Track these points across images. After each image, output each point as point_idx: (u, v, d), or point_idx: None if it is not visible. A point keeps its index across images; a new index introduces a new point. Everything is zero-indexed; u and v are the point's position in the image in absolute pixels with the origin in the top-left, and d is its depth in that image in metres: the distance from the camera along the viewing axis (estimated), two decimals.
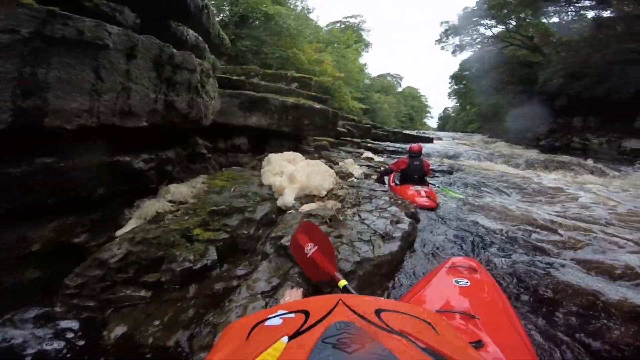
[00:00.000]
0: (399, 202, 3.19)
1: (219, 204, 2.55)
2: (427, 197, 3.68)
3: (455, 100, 39.77)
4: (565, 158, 12.33)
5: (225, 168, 4.11)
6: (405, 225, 2.47)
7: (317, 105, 5.47)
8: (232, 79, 5.51)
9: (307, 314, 0.64)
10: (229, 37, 10.94)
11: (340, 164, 5.67)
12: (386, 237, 2.19)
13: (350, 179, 4.27)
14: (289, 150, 5.12)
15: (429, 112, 56.94)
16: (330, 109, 6.13)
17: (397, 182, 4.43)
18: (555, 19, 20.92)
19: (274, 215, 2.69)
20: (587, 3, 18.47)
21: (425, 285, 1.45)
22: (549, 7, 19.95)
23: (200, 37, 3.68)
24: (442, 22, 27.55)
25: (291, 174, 3.03)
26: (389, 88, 41.47)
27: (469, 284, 1.37)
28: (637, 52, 13.24)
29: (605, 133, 15.64)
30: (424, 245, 2.63)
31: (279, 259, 1.98)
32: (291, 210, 2.66)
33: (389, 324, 0.58)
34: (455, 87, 35.26)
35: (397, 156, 8.60)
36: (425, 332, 0.60)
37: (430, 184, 4.75)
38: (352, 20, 33.02)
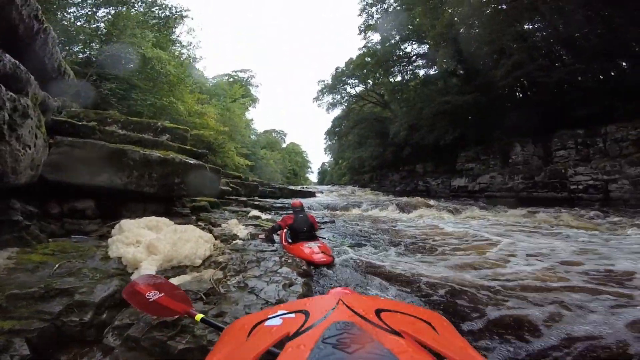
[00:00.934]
0: (290, 261, 2.92)
1: (28, 285, 1.69)
2: (322, 252, 3.61)
3: (330, 155, 44.78)
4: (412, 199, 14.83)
5: (55, 239, 2.96)
6: (299, 286, 2.16)
7: (192, 161, 4.82)
8: (76, 125, 4.34)
9: (307, 314, 0.63)
10: (91, 76, 9.06)
11: (223, 225, 5.06)
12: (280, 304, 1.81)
13: (234, 242, 3.75)
14: (155, 215, 4.23)
15: (309, 167, 61.85)
16: (207, 165, 5.55)
17: (290, 241, 4.27)
18: (399, 78, 26.02)
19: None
20: (420, 62, 24.22)
21: None
22: (395, 68, 25.02)
23: (22, 66, 2.72)
24: (319, 81, 31.10)
25: (150, 243, 2.34)
26: (275, 144, 42.99)
27: None
28: (450, 103, 17.44)
29: (439, 175, 20.16)
30: None
31: (128, 354, 1.31)
32: None
33: (389, 324, 0.58)
34: (329, 142, 39.71)
35: (285, 212, 8.53)
36: (425, 332, 0.60)
37: (320, 237, 4.74)
38: (241, 74, 33.60)
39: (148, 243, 2.35)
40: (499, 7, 15.40)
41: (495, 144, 16.28)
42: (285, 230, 4.46)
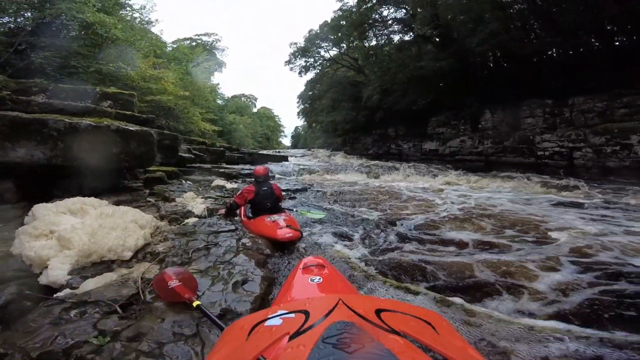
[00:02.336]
0: (249, 244, 2.57)
1: None
2: (287, 226, 3.10)
3: (303, 119, 43.58)
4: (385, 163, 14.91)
5: None
6: (255, 284, 1.83)
7: (133, 127, 4.10)
8: None
9: (307, 314, 0.63)
10: (19, 45, 8.05)
11: (178, 200, 4.55)
12: (226, 316, 1.48)
13: (185, 222, 3.32)
14: (99, 192, 3.70)
15: (282, 131, 60.22)
16: (154, 130, 4.84)
17: (250, 215, 3.70)
18: (373, 42, 24.89)
19: (29, 304, 1.50)
20: (396, 27, 23.25)
21: (287, 290, 1.46)
22: (370, 32, 23.81)
23: None
24: (291, 44, 29.33)
25: (60, 235, 1.88)
26: (245, 109, 41.20)
27: (321, 280, 1.41)
28: (424, 69, 17.16)
29: (411, 139, 20.23)
30: None
31: None
32: (61, 293, 1.57)
33: (389, 324, 0.58)
34: (303, 106, 38.51)
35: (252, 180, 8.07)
36: (425, 332, 0.60)
37: (287, 209, 4.24)
38: (205, 38, 31.24)
39: (58, 235, 1.89)
40: None
41: (466, 110, 16.37)
42: (245, 206, 3.86)
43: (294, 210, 4.45)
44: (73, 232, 1.91)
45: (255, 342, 0.58)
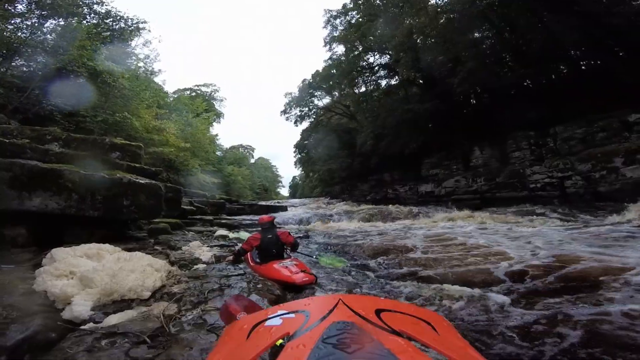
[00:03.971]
0: (260, 286, 2.61)
1: None
2: (302, 271, 3.18)
3: (300, 169, 44.38)
4: (383, 207, 14.89)
5: None
6: None
7: (143, 180, 4.30)
8: (2, 142, 3.78)
9: (307, 314, 0.63)
10: (32, 90, 8.37)
11: (184, 248, 4.56)
12: None
13: (194, 267, 3.35)
14: (106, 240, 3.72)
15: (280, 181, 61.00)
16: (161, 184, 5.03)
17: (258, 261, 3.77)
18: (363, 89, 26.30)
19: (54, 335, 1.51)
20: (382, 73, 24.53)
21: None
22: (359, 78, 25.34)
23: None
24: (286, 94, 30.85)
25: (82, 275, 1.92)
26: (243, 160, 41.59)
27: None
28: (412, 111, 17.87)
29: (406, 182, 20.56)
30: None
31: None
32: (85, 326, 1.57)
33: (389, 324, 0.58)
34: (299, 155, 39.20)
35: (254, 229, 8.08)
36: (425, 332, 0.60)
37: (305, 254, 4.34)
38: (204, 88, 32.67)
39: (80, 275, 1.93)
40: (452, 16, 16.30)
41: (456, 149, 16.87)
42: (251, 252, 3.94)
43: (314, 257, 4.44)
44: (95, 273, 1.96)
45: (255, 342, 0.59)
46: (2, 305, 1.67)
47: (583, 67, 13.56)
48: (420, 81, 21.18)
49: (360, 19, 23.65)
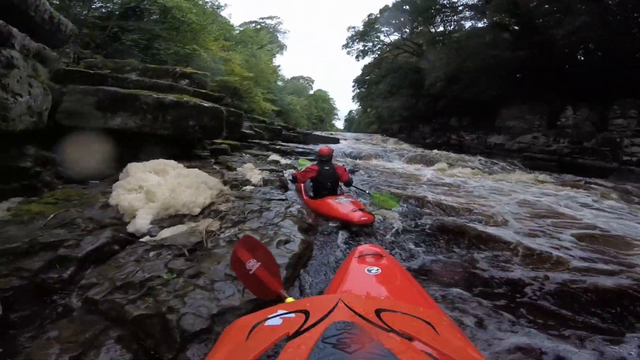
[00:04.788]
0: (295, 213, 2.81)
1: (14, 239, 1.72)
2: (359, 209, 3.10)
3: (358, 104, 42.78)
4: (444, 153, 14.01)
5: (68, 185, 3.07)
6: (295, 245, 2.09)
7: (206, 104, 4.67)
8: (88, 73, 4.34)
9: (307, 313, 0.63)
10: (111, 29, 9.29)
11: (238, 169, 5.04)
12: None
13: (243, 188, 3.72)
14: (174, 158, 4.27)
15: (336, 114, 60.17)
16: (223, 108, 5.39)
17: (312, 194, 3.83)
18: (441, 28, 23.58)
19: (117, 247, 1.96)
20: (467, 14, 21.46)
21: (341, 280, 1.38)
22: (437, 17, 22.56)
23: None
24: (348, 28, 28.54)
25: (148, 189, 2.32)
26: (302, 90, 41.90)
27: (379, 271, 1.35)
28: (499, 58, 15.68)
29: (475, 130, 18.76)
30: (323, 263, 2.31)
31: (86, 317, 1.33)
32: (143, 239, 1.98)
33: (389, 324, 0.58)
34: (358, 90, 37.68)
35: (306, 157, 8.39)
36: (425, 332, 0.60)
37: (359, 189, 4.34)
38: (268, 21, 32.49)
39: (146, 189, 2.34)
40: None
41: (543, 105, 14.67)
42: (305, 184, 3.97)
43: (366, 192, 4.38)
44: (158, 188, 2.36)
45: (255, 342, 0.59)
46: (83, 218, 2.12)
47: None
48: (516, 27, 17.93)
49: None
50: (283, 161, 7.88)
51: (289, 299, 1.23)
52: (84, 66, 5.25)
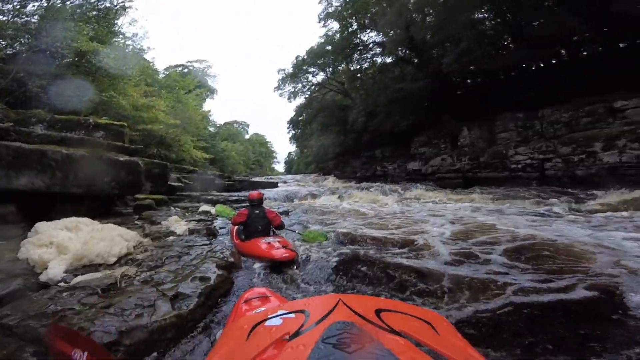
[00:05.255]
0: (218, 255, 3.01)
1: None
2: (283, 247, 3.24)
3: (294, 145, 44.46)
4: (370, 184, 15.32)
5: None
6: (210, 280, 2.30)
7: (122, 158, 4.68)
8: None
9: (307, 314, 0.63)
10: (17, 73, 8.33)
11: (163, 223, 5.02)
12: (179, 297, 1.96)
13: (166, 239, 3.80)
14: (88, 216, 4.15)
15: (275, 157, 61.20)
16: (144, 160, 5.44)
17: (243, 237, 3.91)
18: (357, 66, 25.93)
19: (30, 293, 1.98)
20: (377, 50, 23.89)
21: (228, 327, 1.32)
22: (354, 55, 24.80)
23: None
24: (279, 70, 30.23)
25: (58, 243, 2.38)
26: (237, 135, 42.11)
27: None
28: (403, 90, 17.85)
29: (395, 160, 20.91)
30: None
31: (2, 339, 1.45)
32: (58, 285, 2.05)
33: (389, 324, 0.58)
34: (293, 132, 39.32)
35: (239, 205, 8.54)
36: (425, 332, 0.60)
37: (290, 230, 4.53)
38: (196, 64, 32.62)
39: (57, 243, 2.39)
40: None
41: (445, 128, 16.87)
42: (237, 227, 4.08)
43: (296, 232, 4.55)
44: (69, 242, 2.42)
45: (255, 342, 0.59)
46: None
47: (585, 53, 13.45)
48: (415, 59, 20.76)
49: None
50: (214, 210, 7.89)
51: None
52: None
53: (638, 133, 9.21)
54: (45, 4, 10.32)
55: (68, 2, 11.22)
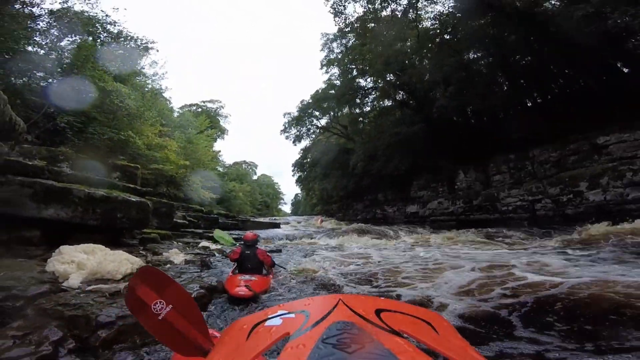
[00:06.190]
0: (202, 283, 3.56)
1: None
2: (245, 286, 3.46)
3: (300, 187, 45.37)
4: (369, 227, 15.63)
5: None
6: (192, 294, 2.92)
7: (134, 199, 5.50)
8: (27, 165, 4.98)
9: (307, 314, 0.64)
10: (48, 108, 8.93)
11: (165, 254, 5.67)
12: None
13: (165, 266, 4.44)
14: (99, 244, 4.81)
15: (282, 198, 61.93)
16: (153, 200, 6.25)
17: (236, 272, 4.21)
18: (359, 110, 27.20)
19: (53, 295, 2.60)
20: (380, 94, 23.91)
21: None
22: (357, 99, 25.76)
23: None
24: (285, 114, 31.63)
25: (79, 261, 3.05)
26: (245, 176, 42.46)
27: None
28: (400, 134, 18.49)
29: (396, 203, 21.39)
30: None
31: (38, 317, 2.05)
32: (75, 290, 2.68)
33: (389, 324, 0.58)
34: (298, 174, 39.73)
35: (239, 243, 9.06)
36: (425, 332, 0.61)
37: (282, 267, 4.94)
38: (209, 104, 33.89)
39: (78, 261, 3.06)
40: (445, 37, 16.91)
41: (443, 172, 17.32)
42: (232, 263, 4.50)
43: (285, 269, 4.98)
44: (87, 261, 3.08)
45: (255, 342, 0.59)
46: (27, 277, 2.77)
47: (568, 90, 13.75)
48: (412, 102, 21.45)
49: (355, 42, 24.32)
50: (213, 247, 8.41)
51: None
52: (19, 153, 5.67)
53: (620, 170, 9.44)
54: (78, 40, 11.49)
55: (99, 40, 12.52)
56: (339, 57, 26.50)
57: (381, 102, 25.15)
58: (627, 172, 9.31)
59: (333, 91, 27.22)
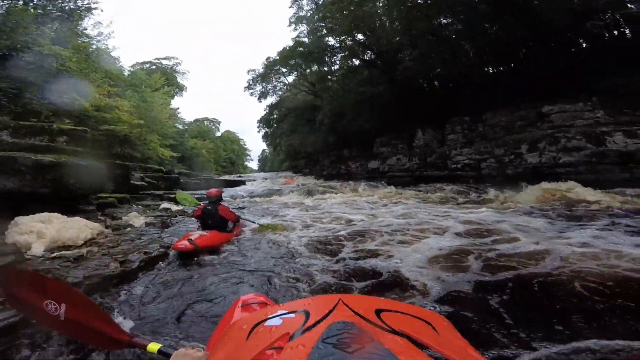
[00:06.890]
0: (162, 242, 3.93)
1: None
2: (187, 240, 3.46)
3: (267, 143, 44.79)
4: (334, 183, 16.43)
5: None
6: (152, 253, 3.28)
7: (84, 162, 5.45)
8: None
9: (307, 314, 0.64)
10: None
11: (124, 218, 5.82)
12: (126, 262, 2.93)
13: (125, 230, 4.67)
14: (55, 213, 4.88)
15: (248, 155, 60.88)
16: (106, 162, 6.18)
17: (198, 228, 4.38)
18: (327, 68, 26.91)
19: (19, 264, 2.83)
20: (347, 53, 24.10)
21: (224, 331, 1.24)
22: (325, 57, 25.52)
23: None
24: (249, 70, 30.49)
25: (38, 230, 3.24)
26: (207, 133, 41.01)
27: None
28: (365, 93, 18.88)
29: (359, 159, 22.29)
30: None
31: None
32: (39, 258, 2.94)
33: (389, 324, 0.59)
34: (264, 130, 39.66)
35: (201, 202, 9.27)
36: (425, 332, 0.61)
37: (249, 220, 5.05)
38: (165, 62, 31.89)
39: (37, 230, 3.24)
40: (416, 0, 16.50)
41: (404, 131, 17.95)
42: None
43: (255, 222, 5.06)
44: (46, 229, 3.27)
45: (255, 342, 0.60)
46: None
47: (529, 63, 14.12)
48: (379, 63, 21.31)
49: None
50: (175, 208, 8.49)
51: (153, 345, 1.07)
52: None
53: (556, 137, 10.55)
54: (6, 4, 10.30)
55: (31, 4, 11.25)
56: (309, 15, 25.54)
57: (349, 62, 24.89)
58: (562, 138, 10.42)
59: (301, 49, 26.21)
